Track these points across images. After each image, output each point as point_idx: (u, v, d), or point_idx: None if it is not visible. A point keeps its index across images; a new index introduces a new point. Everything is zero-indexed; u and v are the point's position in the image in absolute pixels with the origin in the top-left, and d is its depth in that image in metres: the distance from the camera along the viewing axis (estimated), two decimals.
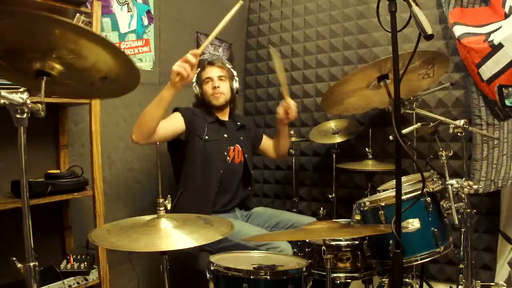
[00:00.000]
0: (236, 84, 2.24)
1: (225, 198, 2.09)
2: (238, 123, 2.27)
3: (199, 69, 2.21)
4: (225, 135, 2.15)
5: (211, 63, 2.19)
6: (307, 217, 2.11)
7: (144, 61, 2.41)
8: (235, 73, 2.26)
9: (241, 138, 2.23)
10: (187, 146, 2.04)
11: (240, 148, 2.19)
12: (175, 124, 2.00)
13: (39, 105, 0.98)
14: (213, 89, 2.13)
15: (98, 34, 1.06)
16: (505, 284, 1.67)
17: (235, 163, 2.15)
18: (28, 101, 0.94)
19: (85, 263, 1.76)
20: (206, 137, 2.05)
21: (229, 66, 2.24)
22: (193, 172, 2.03)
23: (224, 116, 2.22)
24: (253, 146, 2.38)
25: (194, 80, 2.18)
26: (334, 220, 1.70)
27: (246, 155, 2.20)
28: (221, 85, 2.14)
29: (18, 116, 0.94)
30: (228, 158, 2.11)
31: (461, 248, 1.58)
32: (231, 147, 2.15)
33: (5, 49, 0.98)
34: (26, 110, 0.94)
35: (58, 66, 1.04)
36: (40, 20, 0.91)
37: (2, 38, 0.94)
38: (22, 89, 0.98)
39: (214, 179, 2.03)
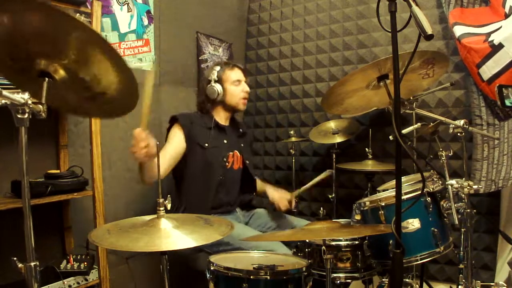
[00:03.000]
0: None
1: (224, 201, 2.08)
2: (241, 130, 2.25)
3: (218, 67, 2.11)
4: (225, 141, 2.12)
5: (237, 65, 2.16)
6: (308, 222, 2.11)
7: (144, 61, 2.41)
8: None
9: (242, 145, 2.21)
10: (188, 155, 2.01)
11: (239, 155, 2.16)
12: (178, 146, 1.97)
13: (41, 106, 0.98)
14: (245, 93, 2.12)
15: (109, 44, 1.05)
16: (505, 284, 1.67)
17: (234, 169, 2.13)
18: (30, 102, 0.94)
19: (85, 263, 1.76)
20: (206, 145, 2.02)
21: None
22: (195, 179, 2.02)
23: (225, 122, 2.19)
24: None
25: (213, 77, 2.08)
26: (334, 220, 1.70)
27: (247, 161, 2.18)
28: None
29: (19, 116, 0.94)
30: (227, 164, 2.09)
31: (461, 248, 1.58)
32: (230, 153, 2.12)
33: (16, 41, 0.97)
34: (27, 110, 0.94)
35: (62, 71, 1.04)
36: (59, 18, 0.91)
37: (18, 28, 0.93)
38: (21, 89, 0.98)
39: (214, 184, 2.02)
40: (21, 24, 0.92)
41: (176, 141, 1.98)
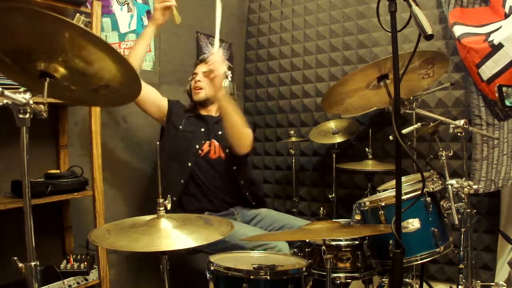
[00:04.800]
0: (225, 83, 2.11)
1: (215, 195, 2.06)
2: (217, 116, 2.20)
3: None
4: (202, 129, 2.14)
5: (202, 60, 2.26)
6: (308, 222, 2.09)
7: (144, 61, 2.41)
8: (229, 72, 2.19)
9: (220, 132, 2.13)
10: (164, 133, 2.15)
11: (217, 143, 2.12)
12: (159, 98, 2.14)
13: (42, 106, 0.98)
14: (194, 82, 2.19)
15: (105, 41, 1.06)
16: (505, 284, 1.67)
17: (211, 158, 2.09)
18: (31, 101, 0.94)
19: (85, 263, 1.76)
20: (180, 127, 2.11)
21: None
22: (165, 159, 2.06)
23: (209, 113, 2.21)
24: None
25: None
26: (334, 220, 1.70)
27: (227, 150, 2.11)
28: (203, 81, 2.16)
29: (20, 116, 0.94)
30: (200, 151, 2.08)
31: (461, 248, 1.58)
32: (207, 141, 2.11)
33: (13, 46, 0.98)
34: (28, 110, 0.94)
35: (62, 69, 1.05)
36: (51, 21, 0.91)
37: (11, 35, 0.94)
38: (23, 89, 0.98)
39: (183, 170, 2.04)
40: (13, 28, 0.92)
41: (162, 98, 2.16)
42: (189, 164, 2.04)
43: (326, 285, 1.36)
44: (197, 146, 2.09)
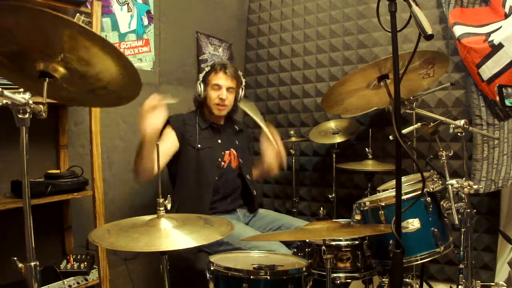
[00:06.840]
0: (241, 93, 2.17)
1: (225, 201, 2.08)
2: (236, 128, 2.24)
3: (208, 66, 2.13)
4: (219, 141, 2.11)
5: (224, 69, 2.07)
6: (308, 222, 2.10)
7: (144, 61, 2.41)
8: (243, 81, 2.19)
9: (237, 142, 2.19)
10: (181, 154, 2.01)
11: (235, 153, 2.15)
12: (170, 145, 1.97)
13: (41, 106, 0.98)
14: (219, 99, 2.06)
15: (106, 39, 1.05)
16: (505, 284, 1.67)
17: (232, 168, 2.12)
18: (31, 102, 0.94)
19: (85, 263, 1.76)
20: (199, 146, 2.01)
21: (240, 74, 2.16)
22: (187, 180, 2.01)
23: (220, 121, 2.18)
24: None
25: (201, 76, 2.11)
26: (334, 220, 1.70)
27: (240, 160, 2.15)
28: (228, 98, 2.07)
29: (20, 116, 0.94)
30: (223, 163, 2.08)
31: (461, 248, 1.58)
32: (226, 151, 2.11)
33: (12, 46, 0.98)
34: (28, 110, 0.94)
35: (61, 69, 1.04)
36: (50, 20, 0.90)
37: (10, 34, 0.93)
38: (22, 89, 0.98)
39: (209, 186, 2.00)
40: (12, 28, 0.92)
41: (169, 140, 1.98)
42: (216, 177, 2.03)
43: (326, 285, 1.36)
44: (220, 159, 2.07)
